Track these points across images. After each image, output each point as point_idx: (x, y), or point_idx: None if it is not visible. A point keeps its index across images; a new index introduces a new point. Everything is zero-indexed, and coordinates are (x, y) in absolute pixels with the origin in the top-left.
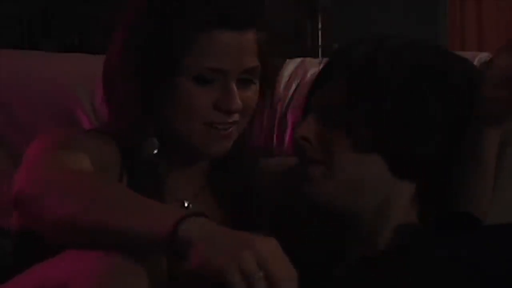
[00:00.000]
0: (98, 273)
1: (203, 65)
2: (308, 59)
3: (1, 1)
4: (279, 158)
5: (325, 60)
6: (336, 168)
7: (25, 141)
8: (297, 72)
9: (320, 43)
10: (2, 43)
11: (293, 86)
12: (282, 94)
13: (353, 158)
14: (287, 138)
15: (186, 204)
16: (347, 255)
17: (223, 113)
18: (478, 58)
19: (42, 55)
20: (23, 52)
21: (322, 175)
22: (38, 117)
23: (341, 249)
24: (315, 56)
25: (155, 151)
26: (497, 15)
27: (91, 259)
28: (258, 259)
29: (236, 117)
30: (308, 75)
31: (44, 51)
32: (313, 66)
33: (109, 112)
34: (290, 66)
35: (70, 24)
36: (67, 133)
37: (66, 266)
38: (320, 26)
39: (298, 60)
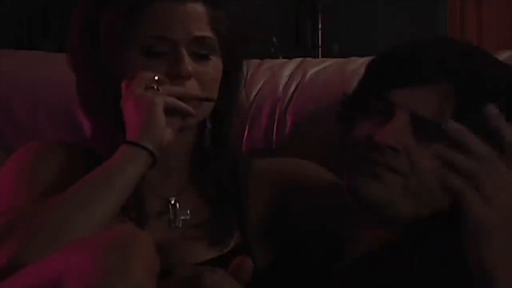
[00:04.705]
0: (93, 268)
1: (147, 35)
2: (308, 59)
3: (1, 1)
4: (273, 158)
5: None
6: (417, 183)
7: (25, 142)
8: (297, 72)
9: (320, 43)
10: (2, 43)
11: (293, 86)
12: (281, 94)
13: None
14: (286, 138)
15: (172, 201)
16: (347, 251)
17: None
18: None
19: (42, 55)
20: (23, 52)
21: (397, 185)
22: (38, 117)
23: (341, 246)
24: (315, 56)
25: None
26: (497, 15)
27: (86, 254)
28: None
29: (192, 87)
30: (308, 75)
31: (44, 51)
32: (313, 66)
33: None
34: (290, 66)
35: (70, 24)
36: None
37: (60, 262)
38: (320, 26)
39: (298, 60)
